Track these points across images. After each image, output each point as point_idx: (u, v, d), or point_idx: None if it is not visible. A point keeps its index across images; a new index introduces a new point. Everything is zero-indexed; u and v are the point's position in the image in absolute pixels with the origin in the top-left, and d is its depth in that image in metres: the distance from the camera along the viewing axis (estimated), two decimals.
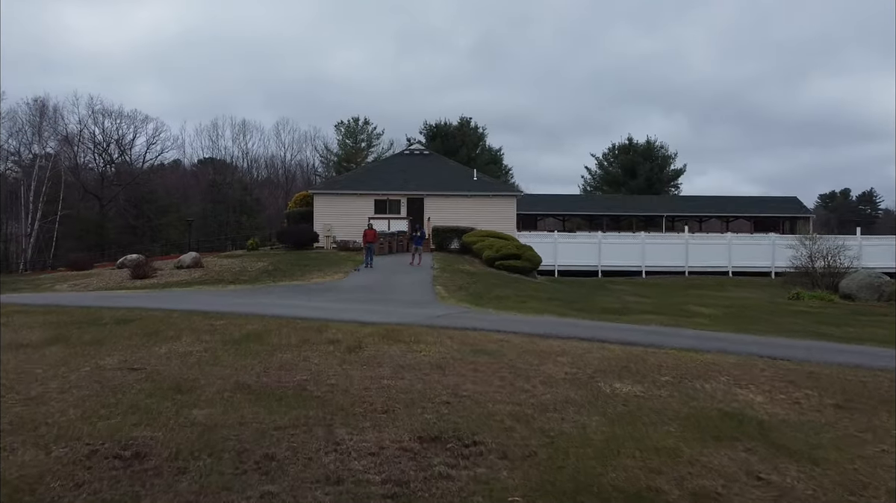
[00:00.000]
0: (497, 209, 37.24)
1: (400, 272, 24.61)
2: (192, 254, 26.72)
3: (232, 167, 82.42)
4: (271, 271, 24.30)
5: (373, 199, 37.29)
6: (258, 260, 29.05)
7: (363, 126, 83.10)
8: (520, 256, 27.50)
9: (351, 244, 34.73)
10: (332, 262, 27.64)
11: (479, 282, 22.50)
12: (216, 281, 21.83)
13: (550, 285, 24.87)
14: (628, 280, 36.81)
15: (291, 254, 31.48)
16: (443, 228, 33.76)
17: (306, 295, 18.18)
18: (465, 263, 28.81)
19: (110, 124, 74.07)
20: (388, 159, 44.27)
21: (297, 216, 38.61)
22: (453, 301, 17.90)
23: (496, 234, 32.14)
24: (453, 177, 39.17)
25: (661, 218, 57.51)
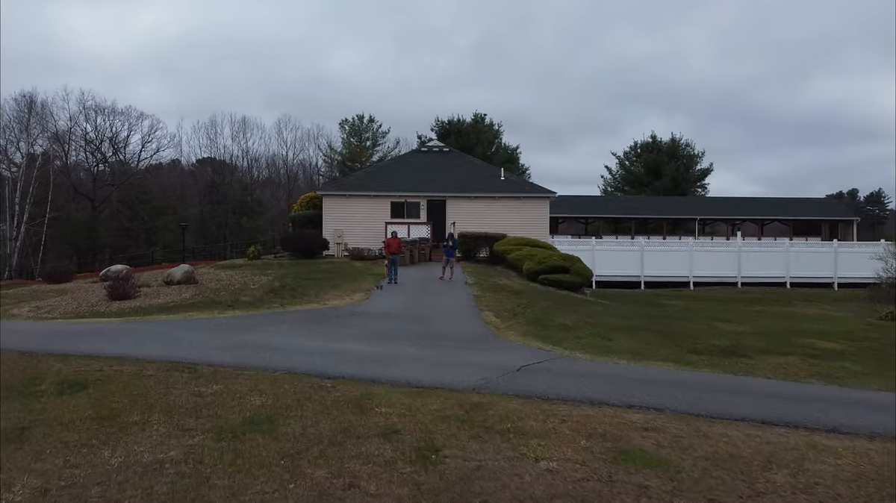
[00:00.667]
0: (529, 212, 33.24)
1: (432, 290, 20.61)
2: (184, 267, 22.72)
3: (231, 166, 78.51)
4: (278, 289, 20.29)
5: (389, 200, 33.29)
6: (261, 272, 25.03)
7: (368, 124, 79.27)
8: (568, 269, 23.51)
9: (365, 252, 30.74)
10: (349, 276, 23.62)
11: (530, 304, 18.50)
12: (211, 303, 17.81)
13: (612, 305, 20.88)
14: (677, 293, 32.82)
15: (299, 265, 27.46)
16: (470, 235, 29.77)
17: (326, 326, 14.18)
18: (502, 277, 24.81)
19: (103, 121, 70.09)
20: (404, 157, 40.17)
21: (302, 220, 34.61)
22: (515, 335, 13.91)
23: (532, 242, 28.13)
24: (478, 176, 35.17)
25: (691, 221, 53.59)
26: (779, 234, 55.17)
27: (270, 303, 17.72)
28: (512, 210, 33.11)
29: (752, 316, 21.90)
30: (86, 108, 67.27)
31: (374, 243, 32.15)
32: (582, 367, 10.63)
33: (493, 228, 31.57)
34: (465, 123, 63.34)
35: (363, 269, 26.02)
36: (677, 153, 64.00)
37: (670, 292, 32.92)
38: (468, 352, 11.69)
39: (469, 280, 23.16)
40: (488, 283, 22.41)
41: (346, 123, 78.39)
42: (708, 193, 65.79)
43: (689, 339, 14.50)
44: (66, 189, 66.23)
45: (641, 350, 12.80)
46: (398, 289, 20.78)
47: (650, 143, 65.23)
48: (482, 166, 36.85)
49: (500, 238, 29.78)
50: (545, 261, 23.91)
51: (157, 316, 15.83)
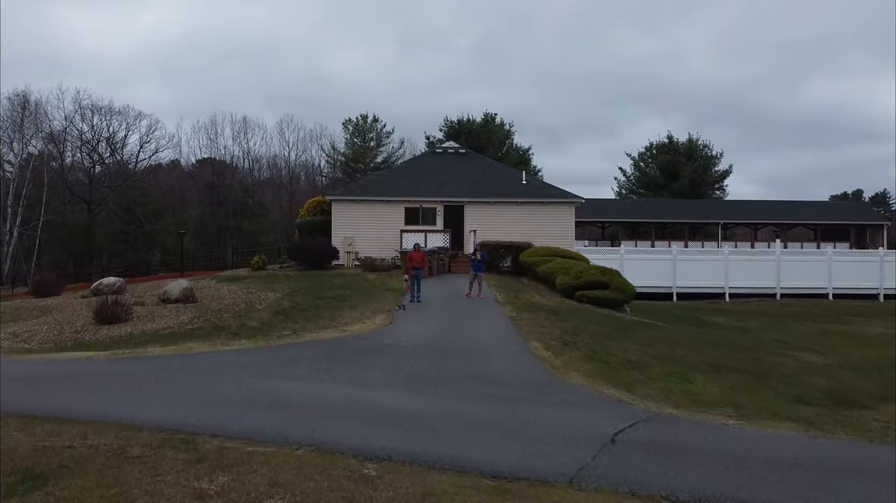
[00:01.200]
0: (553, 219, 30.94)
1: (461, 311, 18.30)
2: (182, 283, 20.41)
3: (232, 168, 76.21)
4: (287, 310, 17.98)
5: (403, 206, 30.98)
6: (267, 287, 22.72)
7: (372, 124, 77.03)
8: (608, 285, 21.22)
9: (378, 262, 28.44)
10: (365, 293, 21.32)
11: (577, 329, 16.21)
12: (213, 329, 15.49)
13: (662, 327, 18.55)
14: (714, 306, 30.55)
15: (308, 278, 25.14)
16: (493, 244, 27.46)
17: (350, 366, 11.89)
18: (533, 292, 22.52)
19: (100, 121, 67.75)
20: (418, 159, 37.82)
21: (310, 227, 32.31)
22: (579, 376, 11.62)
23: (562, 253, 25.86)
24: (497, 179, 32.87)
25: (713, 226, 51.31)
26: (803, 240, 52.90)
27: (281, 330, 15.40)
28: (534, 216, 30.82)
29: (818, 338, 19.63)
30: (82, 108, 64.88)
31: (387, 252, 29.86)
32: (687, 435, 8.34)
33: (515, 236, 29.30)
34: (475, 123, 61.00)
35: (379, 284, 23.71)
36: (695, 154, 61.65)
37: (706, 305, 30.65)
38: (535, 407, 9.39)
39: (499, 297, 20.86)
40: (521, 301, 20.12)
41: (350, 123, 76.11)
42: (727, 196, 63.49)
43: (781, 380, 12.22)
44: (62, 191, 63.90)
45: (738, 399, 10.52)
46: (423, 309, 18.48)
47: (666, 143, 62.84)
48: (501, 169, 34.57)
49: (525, 247, 27.51)
50: (581, 275, 21.63)
51: (151, 348, 13.52)
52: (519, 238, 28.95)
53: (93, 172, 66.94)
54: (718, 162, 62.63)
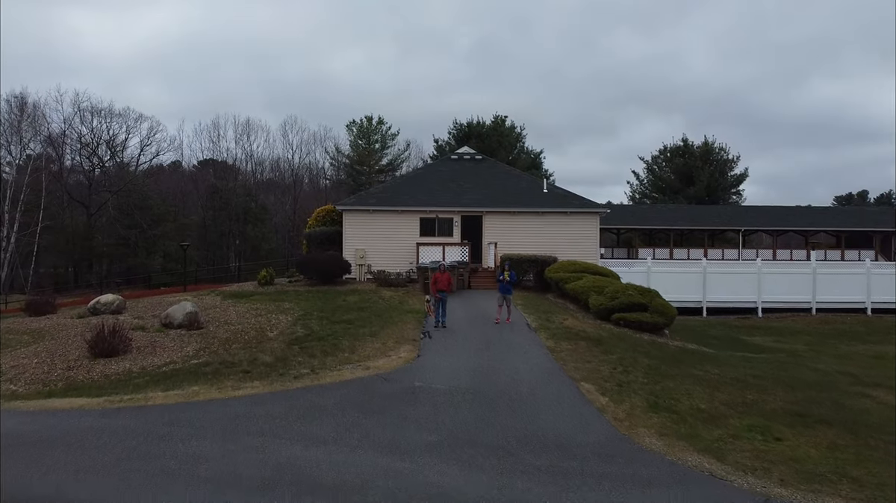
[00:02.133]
0: (577, 230, 29.28)
1: (493, 339, 16.62)
2: (186, 306, 18.73)
3: (235, 170, 74.61)
4: (302, 339, 16.33)
5: (418, 216, 29.33)
6: (277, 307, 21.09)
7: (377, 126, 75.48)
8: (647, 307, 19.55)
9: (393, 277, 26.82)
10: (383, 315, 19.67)
11: (625, 362, 14.56)
12: (221, 366, 13.84)
13: (719, 357, 16.82)
14: (748, 322, 28.88)
15: (320, 296, 23.51)
16: (515, 258, 25.81)
17: (382, 422, 10.23)
18: (564, 313, 20.86)
19: (99, 123, 66.19)
20: (433, 166, 36.13)
21: (320, 238, 30.67)
22: (650, 435, 9.96)
23: (592, 268, 24.22)
24: (517, 188, 31.21)
25: (733, 232, 49.63)
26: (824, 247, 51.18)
27: (297, 367, 13.74)
28: (557, 227, 29.17)
29: (878, 366, 17.94)
30: (81, 110, 63.33)
31: (401, 265, 28.24)
32: None
33: (536, 248, 27.67)
34: (485, 126, 59.35)
35: (397, 303, 22.06)
36: (710, 157, 59.96)
37: (739, 321, 28.98)
38: (613, 488, 7.73)
39: (530, 320, 19.20)
40: (555, 326, 18.45)
41: (354, 125, 74.55)
42: (744, 201, 61.83)
43: (875, 432, 10.56)
44: (60, 196, 62.36)
45: (846, 468, 8.86)
46: (450, 337, 16.80)
47: (681, 146, 61.13)
48: (520, 176, 32.91)
49: (550, 262, 25.85)
50: (618, 295, 19.95)
51: (152, 393, 11.86)
52: (540, 250, 27.32)
53: (92, 176, 65.36)
54: (735, 165, 60.96)
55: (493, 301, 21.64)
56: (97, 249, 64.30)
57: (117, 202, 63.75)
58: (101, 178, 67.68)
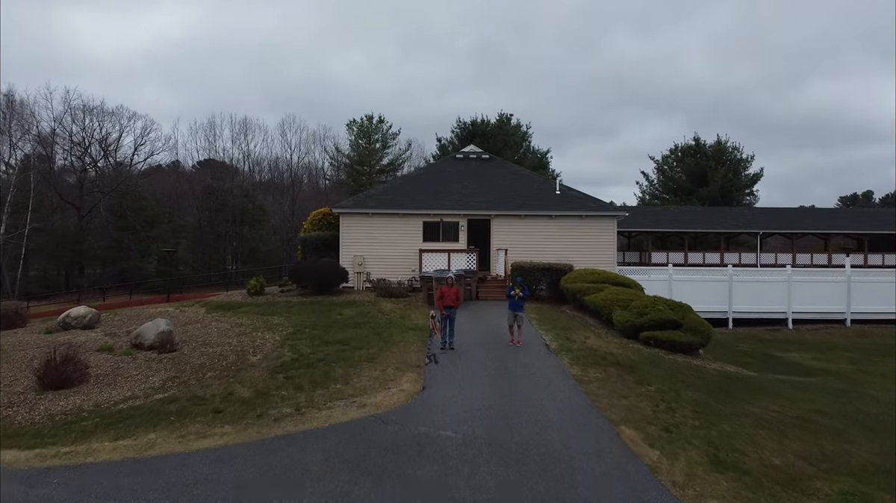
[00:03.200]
0: (593, 235, 27.10)
1: (508, 365, 14.40)
2: (160, 323, 16.49)
3: (232, 171, 72.49)
4: (289, 365, 14.14)
5: (421, 220, 27.14)
6: (265, 323, 18.92)
7: (377, 125, 73.36)
8: (679, 324, 17.33)
9: (394, 287, 24.66)
10: (383, 332, 17.47)
11: (667, 395, 12.36)
12: (189, 402, 11.65)
13: (773, 387, 14.60)
14: (779, 335, 26.64)
15: (314, 308, 21.34)
16: (528, 266, 23.62)
17: (378, 484, 8.04)
18: (584, 329, 18.66)
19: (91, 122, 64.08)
20: (437, 166, 33.91)
21: (315, 243, 28.49)
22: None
23: (611, 278, 22.02)
24: (528, 189, 29.01)
25: (750, 235, 47.44)
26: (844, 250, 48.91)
27: (280, 404, 11.53)
28: (571, 232, 26.98)
29: None
30: (72, 108, 61.23)
31: (403, 273, 26.08)
32: None
33: (549, 255, 25.48)
34: (489, 125, 57.15)
35: (398, 317, 19.87)
36: (724, 157, 57.71)
37: (768, 334, 26.75)
38: None
39: (547, 339, 16.99)
40: (577, 347, 16.25)
41: (354, 124, 72.43)
42: (757, 202, 59.59)
43: None
44: (50, 196, 60.19)
45: None
46: (459, 362, 14.60)
47: (693, 146, 58.87)
48: (531, 177, 30.69)
49: (565, 270, 23.65)
50: (646, 310, 17.73)
51: (97, 443, 9.67)
52: (553, 257, 25.13)
53: (84, 176, 63.22)
54: (749, 165, 58.66)
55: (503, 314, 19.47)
56: (88, 252, 62.12)
57: (110, 203, 61.63)
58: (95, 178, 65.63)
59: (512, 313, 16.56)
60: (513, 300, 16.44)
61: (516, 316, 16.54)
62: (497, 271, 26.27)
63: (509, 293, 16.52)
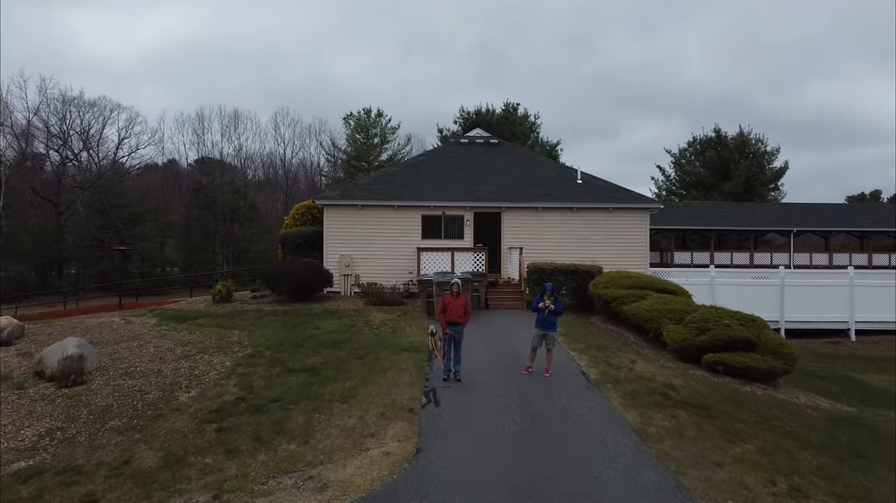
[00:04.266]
0: (622, 231, 23.00)
1: (537, 408, 10.29)
2: (70, 344, 12.39)
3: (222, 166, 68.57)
4: (230, 408, 10.05)
5: (419, 213, 23.05)
6: (221, 340, 14.87)
7: (376, 119, 69.41)
8: (754, 343, 13.26)
9: (387, 292, 20.63)
10: (368, 354, 13.38)
11: (777, 460, 8.31)
12: (58, 483, 7.60)
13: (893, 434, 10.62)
14: (841, 348, 22.54)
15: (287, 320, 17.27)
16: (547, 269, 19.52)
17: None
18: (626, 349, 14.57)
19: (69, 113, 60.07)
20: (439, 151, 29.65)
21: (297, 241, 24.41)
22: None
23: (653, 283, 17.92)
24: (544, 178, 24.89)
25: (779, 234, 43.31)
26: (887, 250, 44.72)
27: (196, 483, 7.45)
28: (597, 227, 22.88)
29: None
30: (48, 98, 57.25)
31: (398, 276, 22.04)
32: None
33: (570, 254, 21.42)
34: (494, 114, 53.06)
35: (390, 332, 15.79)
36: (747, 150, 53.57)
37: (828, 347, 22.66)
38: None
39: (585, 365, 12.90)
40: (625, 377, 12.17)
41: (351, 118, 68.46)
42: (783, 197, 55.36)
43: None
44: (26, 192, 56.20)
45: None
46: (469, 401, 10.51)
47: (713, 138, 54.71)
48: (547, 164, 26.49)
49: (594, 273, 19.56)
50: (708, 326, 13.63)
51: None
52: (575, 257, 21.08)
53: (62, 171, 59.25)
54: (774, 158, 54.47)
55: (521, 328, 15.41)
56: (68, 252, 58.09)
57: (90, 200, 57.67)
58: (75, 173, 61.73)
59: (539, 333, 12.43)
60: (542, 315, 12.34)
61: (545, 336, 12.42)
62: (510, 274, 22.20)
63: (536, 305, 12.42)
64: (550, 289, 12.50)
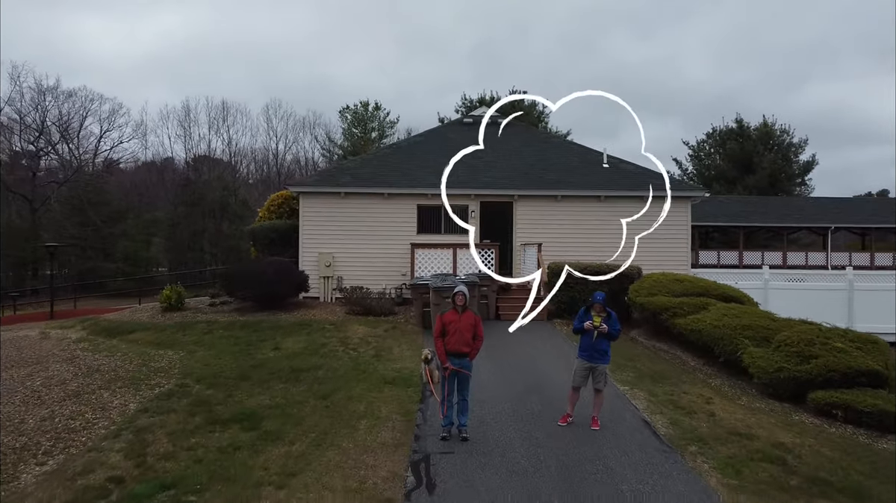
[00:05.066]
0: (659, 226, 19.07)
1: (586, 487, 6.36)
2: None
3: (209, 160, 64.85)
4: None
5: (415, 203, 19.14)
6: (141, 368, 10.99)
7: (374, 112, 65.65)
8: (884, 378, 9.37)
9: (374, 300, 16.74)
10: (335, 391, 9.47)
11: None
12: None
13: None
14: None
15: (240, 336, 13.36)
16: (574, 267, 15.60)
17: None
18: (689, 378, 10.66)
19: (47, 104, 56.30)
20: (438, 131, 25.50)
21: (269, 236, 20.49)
22: None
23: (710, 287, 14.01)
24: (564, 162, 20.96)
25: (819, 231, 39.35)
26: None
27: None
28: (631, 219, 18.94)
29: None
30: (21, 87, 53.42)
31: (389, 278, 18.18)
32: None
33: (596, 252, 17.54)
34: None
35: (372, 357, 11.86)
36: (772, 141, 49.59)
37: None
38: None
39: (645, 410, 9.00)
40: (707, 429, 8.27)
41: (348, 111, 64.75)
42: (811, 193, 51.29)
43: None
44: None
45: None
46: (483, 483, 6.58)
47: (735, 129, 50.72)
48: (567, 146, 22.48)
49: (632, 276, 15.64)
50: (812, 351, 9.73)
51: None
52: (601, 255, 17.21)
53: (36, 164, 55.43)
54: (802, 150, 50.46)
55: (546, 348, 11.53)
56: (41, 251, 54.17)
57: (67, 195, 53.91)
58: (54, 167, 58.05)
59: (584, 366, 8.44)
60: (588, 339, 8.42)
61: (592, 371, 8.46)
62: (526, 276, 18.26)
63: (580, 324, 8.48)
64: (602, 300, 8.56)
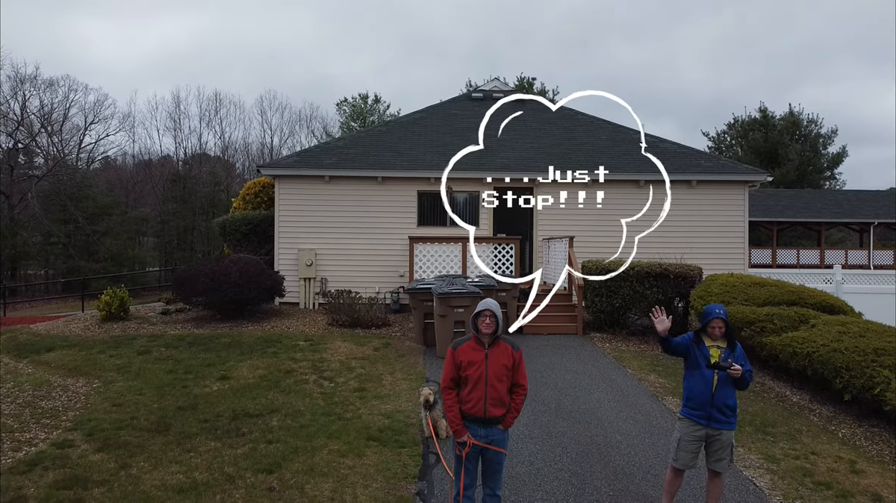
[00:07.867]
0: (710, 214, 15.76)
1: None
2: None
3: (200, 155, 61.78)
4: None
5: (415, 189, 15.81)
6: (26, 407, 7.72)
7: (373, 105, 62.52)
8: None
9: (363, 308, 13.37)
10: (286, 458, 6.21)
11: None
12: None
13: None
14: None
15: (180, 361, 10.06)
16: (614, 267, 12.31)
17: None
18: (808, 429, 7.35)
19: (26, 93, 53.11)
20: (442, 107, 21.68)
21: (241, 230, 17.17)
22: None
23: (807, 296, 10.65)
24: (594, 141, 17.63)
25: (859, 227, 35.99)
26: None
27: None
28: (676, 209, 15.58)
29: None
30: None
31: (384, 279, 14.85)
32: None
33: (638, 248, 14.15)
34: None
35: (350, 399, 8.53)
36: (798, 131, 46.21)
37: None
38: None
39: (768, 489, 5.67)
40: None
41: (345, 104, 61.70)
42: (842, 187, 47.89)
43: None
44: None
45: None
46: None
47: (758, 119, 47.32)
48: (596, 123, 18.96)
49: (692, 278, 12.29)
50: None
51: None
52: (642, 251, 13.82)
53: (13, 157, 52.21)
54: (831, 142, 47.05)
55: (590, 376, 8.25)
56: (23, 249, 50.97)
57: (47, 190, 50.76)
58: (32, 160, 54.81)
59: (696, 431, 4.93)
60: (700, 384, 4.90)
61: (710, 441, 4.94)
62: (551, 278, 14.90)
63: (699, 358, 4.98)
64: (724, 314, 5.05)
